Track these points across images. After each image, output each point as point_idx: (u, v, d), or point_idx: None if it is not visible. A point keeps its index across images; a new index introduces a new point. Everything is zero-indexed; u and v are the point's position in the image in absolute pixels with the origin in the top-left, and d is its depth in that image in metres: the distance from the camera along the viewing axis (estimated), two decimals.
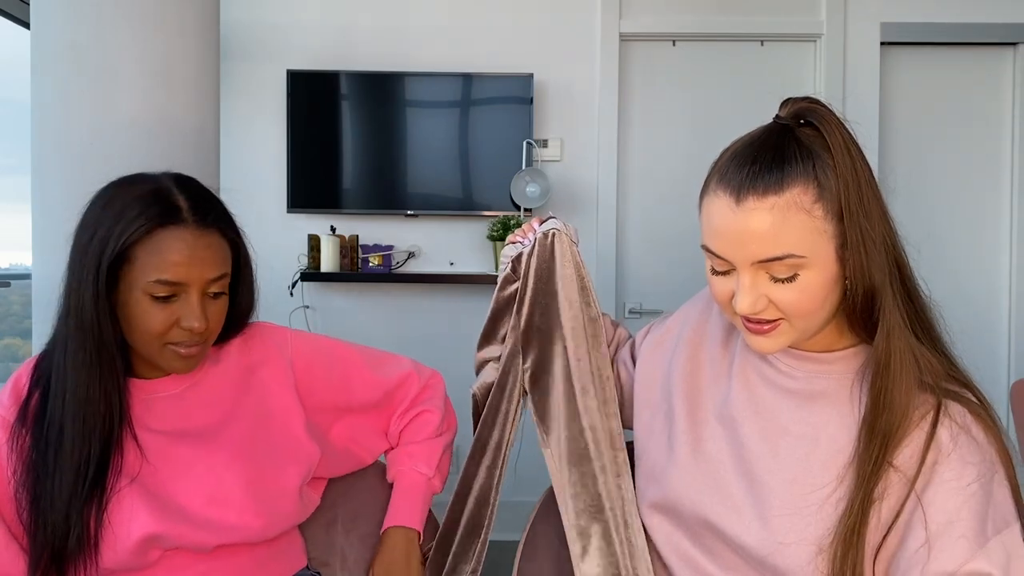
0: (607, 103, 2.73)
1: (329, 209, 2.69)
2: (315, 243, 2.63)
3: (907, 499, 0.72)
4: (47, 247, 1.39)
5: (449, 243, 2.76)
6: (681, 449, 0.88)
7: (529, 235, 1.01)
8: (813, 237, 0.71)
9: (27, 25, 2.17)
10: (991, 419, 0.74)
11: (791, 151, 0.73)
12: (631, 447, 1.01)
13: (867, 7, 2.72)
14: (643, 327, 1.07)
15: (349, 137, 2.69)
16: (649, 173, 2.81)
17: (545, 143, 2.73)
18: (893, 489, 0.73)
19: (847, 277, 0.74)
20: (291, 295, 2.72)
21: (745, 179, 0.73)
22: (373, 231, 2.73)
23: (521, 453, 1.08)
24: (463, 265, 2.77)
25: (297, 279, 2.65)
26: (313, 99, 2.66)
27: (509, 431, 1.01)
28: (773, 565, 0.77)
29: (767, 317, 0.76)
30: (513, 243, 1.03)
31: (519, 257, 1.00)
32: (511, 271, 1.01)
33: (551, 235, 0.97)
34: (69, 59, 1.39)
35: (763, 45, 2.79)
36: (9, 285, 2.39)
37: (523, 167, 2.62)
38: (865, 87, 2.71)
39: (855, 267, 0.72)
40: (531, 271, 0.98)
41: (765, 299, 0.75)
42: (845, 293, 0.76)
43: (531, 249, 0.98)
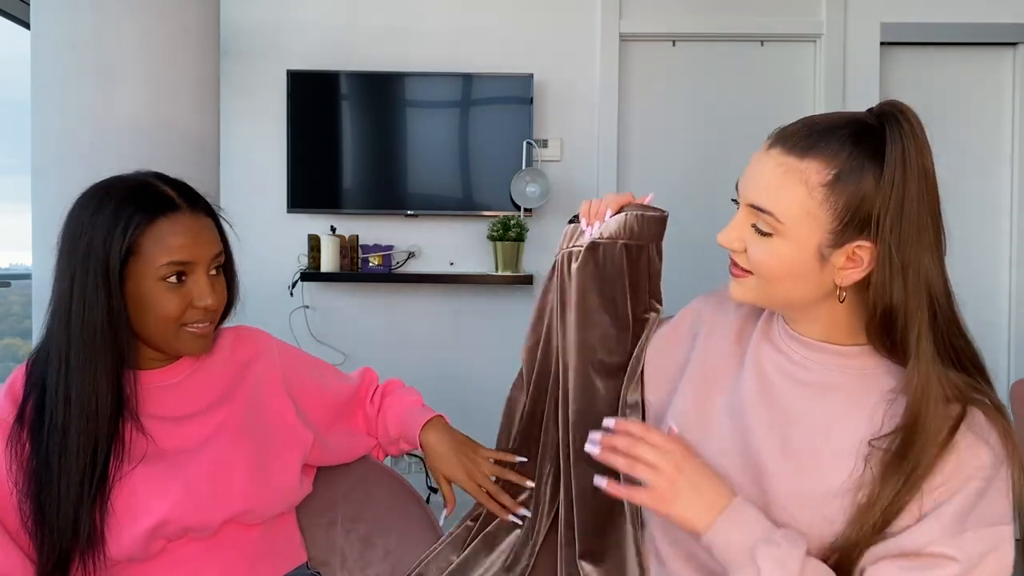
0: (607, 103, 2.73)
1: (329, 209, 2.69)
2: (315, 243, 2.63)
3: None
4: (47, 247, 1.38)
5: (449, 243, 2.76)
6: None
7: (595, 224, 1.01)
8: (799, 214, 0.74)
9: (27, 25, 2.17)
10: (1006, 422, 0.75)
11: (841, 135, 0.74)
12: None
13: (867, 7, 2.72)
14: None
15: (349, 137, 2.69)
16: (649, 173, 2.81)
17: (545, 143, 2.73)
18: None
19: (870, 287, 0.75)
20: (291, 295, 2.72)
21: (787, 132, 0.77)
22: (373, 231, 2.73)
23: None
24: (463, 265, 2.77)
25: (297, 279, 2.65)
26: (313, 99, 2.66)
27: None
28: None
29: (740, 263, 0.82)
30: (576, 223, 1.03)
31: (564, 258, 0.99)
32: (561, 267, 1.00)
33: (569, 256, 0.98)
34: (69, 59, 1.40)
35: (763, 45, 2.79)
36: (9, 285, 2.39)
37: (523, 167, 2.62)
38: (865, 87, 2.71)
39: (878, 282, 0.74)
40: (570, 286, 0.98)
41: (742, 243, 0.80)
42: (838, 297, 0.78)
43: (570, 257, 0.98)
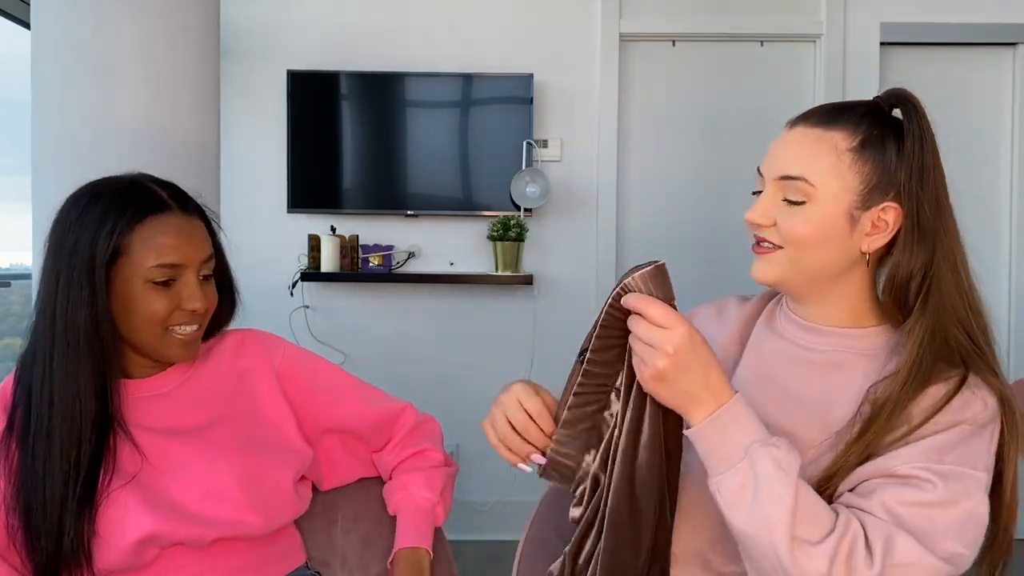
0: (607, 103, 2.73)
1: (329, 209, 2.69)
2: (315, 243, 2.63)
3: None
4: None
5: (449, 243, 2.76)
6: None
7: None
8: (829, 176, 0.79)
9: (27, 25, 2.17)
10: (1006, 390, 0.76)
11: (860, 111, 0.81)
12: None
13: (867, 7, 2.72)
14: None
15: (349, 137, 2.69)
16: (649, 173, 2.81)
17: (545, 143, 2.73)
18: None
19: (893, 252, 0.79)
20: (291, 295, 2.72)
21: (807, 113, 0.84)
22: (373, 231, 2.73)
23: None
24: (463, 265, 2.77)
25: (297, 279, 2.65)
26: (313, 99, 2.66)
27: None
28: None
29: (770, 239, 0.83)
30: None
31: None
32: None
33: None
34: (69, 59, 1.40)
35: (763, 45, 2.79)
36: (9, 285, 2.39)
37: (523, 167, 2.62)
38: (865, 87, 2.70)
39: (904, 241, 0.78)
40: None
41: (771, 219, 0.82)
42: (866, 261, 0.81)
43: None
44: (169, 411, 0.97)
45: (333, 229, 2.65)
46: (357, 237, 2.65)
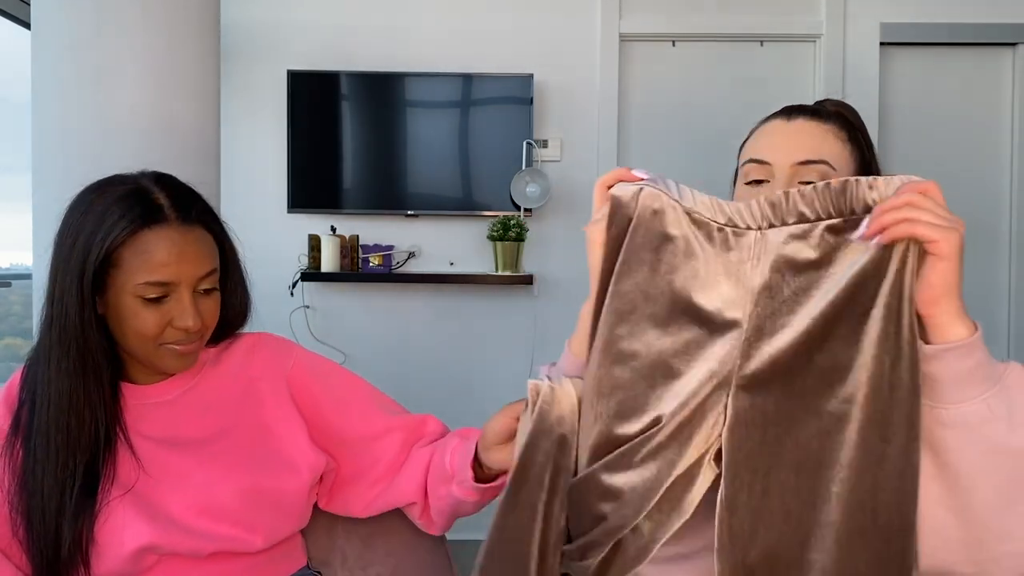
0: (607, 103, 2.73)
1: (329, 209, 2.69)
2: (315, 243, 2.63)
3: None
4: (47, 247, 1.38)
5: (449, 243, 2.76)
6: None
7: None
8: (843, 162, 0.85)
9: (27, 25, 2.18)
10: None
11: (829, 109, 0.89)
12: None
13: (867, 7, 2.72)
14: None
15: (349, 137, 2.69)
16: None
17: (545, 143, 2.73)
18: None
19: None
20: (291, 295, 2.72)
21: (794, 108, 0.88)
22: (373, 231, 2.73)
23: None
24: (463, 265, 2.77)
25: (297, 279, 2.65)
26: (313, 99, 2.66)
27: None
28: None
29: None
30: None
31: None
32: None
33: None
34: (69, 59, 1.40)
35: (763, 45, 2.79)
36: (9, 285, 2.39)
37: (523, 167, 2.62)
38: (865, 87, 2.71)
39: None
40: None
41: None
42: None
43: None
44: (172, 419, 0.94)
45: (333, 229, 2.65)
46: (357, 237, 2.66)
